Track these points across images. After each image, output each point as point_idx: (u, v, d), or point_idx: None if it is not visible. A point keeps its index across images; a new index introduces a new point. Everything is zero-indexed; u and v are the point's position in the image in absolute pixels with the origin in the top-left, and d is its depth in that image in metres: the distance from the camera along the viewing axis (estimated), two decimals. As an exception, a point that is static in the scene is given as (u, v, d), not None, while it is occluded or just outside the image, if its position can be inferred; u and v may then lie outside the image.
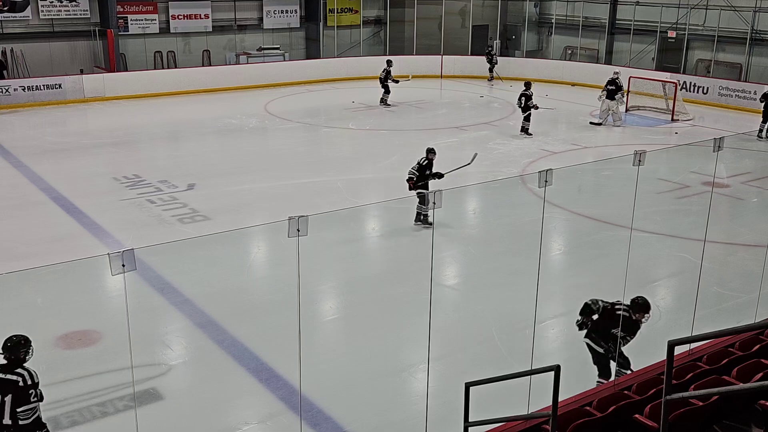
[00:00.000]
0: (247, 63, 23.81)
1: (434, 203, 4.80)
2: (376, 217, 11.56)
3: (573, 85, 23.79)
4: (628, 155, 6.02)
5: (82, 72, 21.29)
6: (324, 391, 6.55)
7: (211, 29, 24.16)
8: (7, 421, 4.79)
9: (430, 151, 10.72)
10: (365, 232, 11.07)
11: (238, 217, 11.23)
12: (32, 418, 4.79)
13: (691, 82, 21.35)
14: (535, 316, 6.23)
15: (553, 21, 26.30)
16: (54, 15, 21.53)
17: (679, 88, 19.55)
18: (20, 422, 4.74)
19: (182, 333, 7.90)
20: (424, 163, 10.57)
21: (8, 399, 4.77)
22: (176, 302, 8.34)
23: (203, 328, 7.82)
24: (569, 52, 26.09)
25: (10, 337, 4.89)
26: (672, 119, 18.84)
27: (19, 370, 4.83)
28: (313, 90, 23.09)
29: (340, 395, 6.66)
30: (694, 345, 6.19)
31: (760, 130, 16.62)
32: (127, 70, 22.21)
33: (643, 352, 6.63)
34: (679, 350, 4.47)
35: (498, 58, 24.46)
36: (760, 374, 5.11)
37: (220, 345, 7.44)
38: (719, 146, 6.60)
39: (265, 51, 24.62)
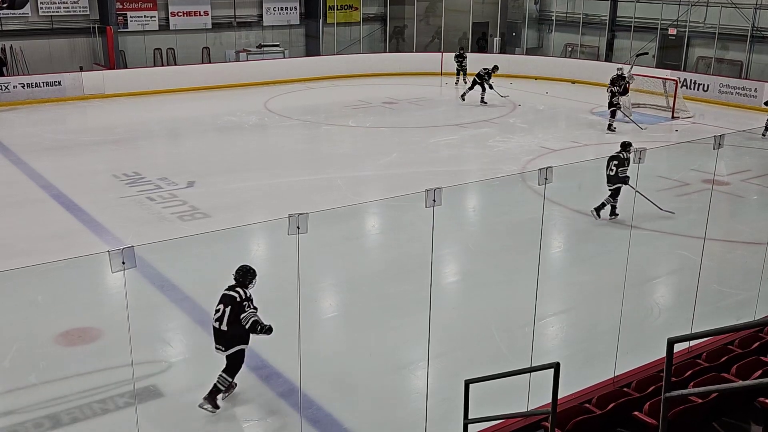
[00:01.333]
0: (247, 60, 23.80)
1: (434, 200, 4.80)
2: (376, 214, 11.56)
3: (573, 82, 23.77)
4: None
5: (81, 69, 21.27)
6: (324, 388, 6.56)
7: (210, 26, 24.14)
8: (224, 327, 6.23)
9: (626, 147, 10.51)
10: (365, 229, 11.07)
11: (238, 214, 11.23)
12: (249, 322, 6.24)
13: (691, 80, 21.33)
14: (535, 314, 6.24)
15: (554, 18, 26.28)
16: (53, 12, 21.50)
17: (679, 85, 19.53)
18: (243, 324, 6.22)
19: (182, 330, 7.91)
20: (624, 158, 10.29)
21: (228, 309, 6.23)
22: (176, 299, 8.34)
23: (203, 325, 7.81)
24: (569, 49, 26.07)
25: (243, 266, 6.47)
26: (672, 117, 18.83)
27: (238, 289, 6.30)
28: (312, 87, 23.07)
29: (340, 392, 6.67)
30: (693, 342, 6.21)
31: (766, 128, 16.59)
32: (126, 68, 22.19)
33: (643, 349, 6.64)
34: (678, 347, 4.48)
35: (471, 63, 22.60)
36: (760, 372, 5.12)
37: (220, 342, 7.43)
38: (719, 144, 6.60)
39: (265, 48, 24.60)
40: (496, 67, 20.09)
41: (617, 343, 6.24)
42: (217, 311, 6.29)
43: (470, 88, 20.36)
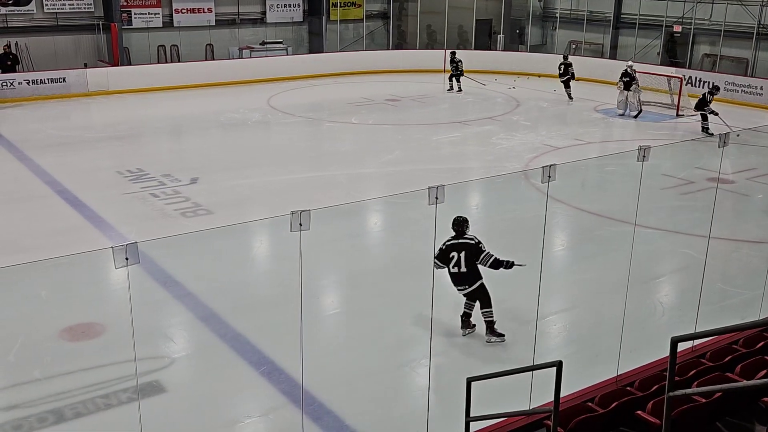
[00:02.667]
0: (250, 57, 23.79)
1: (436, 198, 4.79)
2: (379, 211, 11.55)
3: (577, 80, 23.69)
4: (632, 150, 6.00)
5: (86, 66, 21.29)
6: (326, 385, 6.56)
7: (214, 23, 24.14)
8: (464, 269, 7.33)
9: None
10: (367, 226, 11.07)
11: (241, 211, 11.24)
12: (491, 261, 7.32)
13: (696, 77, 21.25)
14: (538, 312, 6.23)
15: (558, 15, 26.21)
16: (58, 9, 21.52)
17: (684, 83, 19.46)
18: (484, 264, 7.30)
19: (185, 326, 7.92)
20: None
21: (463, 254, 7.28)
22: (179, 296, 8.35)
23: (206, 321, 7.84)
24: (574, 46, 25.99)
25: (457, 217, 7.39)
26: (677, 114, 18.76)
27: (468, 236, 7.39)
28: (315, 84, 23.06)
29: (342, 389, 6.67)
30: (697, 342, 6.19)
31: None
32: (130, 64, 22.22)
33: (646, 348, 6.62)
34: (682, 347, 4.47)
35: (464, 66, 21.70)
36: (764, 371, 5.10)
37: (222, 338, 7.45)
38: (725, 142, 6.57)
39: (268, 45, 24.59)
40: (453, 53, 21.96)
41: (620, 342, 6.22)
42: (451, 258, 7.28)
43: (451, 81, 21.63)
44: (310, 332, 7.15)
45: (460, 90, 21.65)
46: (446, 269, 7.34)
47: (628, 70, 18.54)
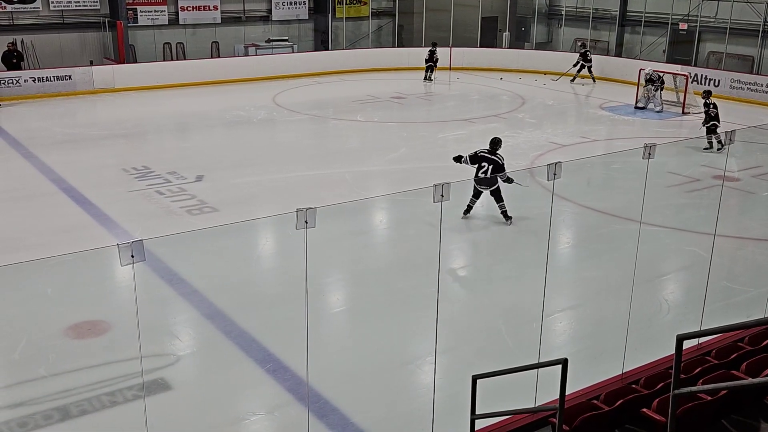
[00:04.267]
0: (256, 55, 23.80)
1: (442, 195, 4.79)
2: (384, 209, 11.55)
3: (581, 77, 23.64)
4: (638, 148, 5.98)
5: (91, 63, 21.35)
6: (331, 383, 6.57)
7: (219, 21, 24.16)
8: (488, 175, 10.17)
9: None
10: (373, 224, 11.07)
11: (247, 208, 11.25)
12: (506, 177, 10.06)
13: (702, 75, 21.17)
14: (543, 309, 6.22)
15: (563, 13, 26.12)
16: (64, 6, 21.57)
17: (690, 80, 19.39)
18: (502, 180, 10.11)
19: (190, 324, 7.94)
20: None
21: (491, 166, 10.18)
22: (184, 293, 8.38)
23: (211, 319, 7.86)
24: (579, 44, 25.91)
25: (495, 137, 10.48)
26: (683, 112, 18.70)
27: (497, 154, 10.35)
28: (321, 82, 23.06)
29: (347, 387, 6.68)
30: (703, 339, 6.17)
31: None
32: (136, 62, 22.25)
33: (651, 345, 6.61)
34: (687, 344, 4.46)
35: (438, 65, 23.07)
36: (769, 369, 5.08)
37: (228, 336, 7.47)
38: (730, 139, 6.56)
39: (274, 43, 24.60)
40: (434, 44, 23.29)
41: (626, 340, 6.21)
42: (482, 167, 10.29)
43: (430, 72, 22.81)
44: (316, 330, 7.16)
45: (431, 80, 22.97)
46: (475, 170, 10.36)
47: (653, 75, 18.65)
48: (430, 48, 23.25)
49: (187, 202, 11.51)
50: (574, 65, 22.52)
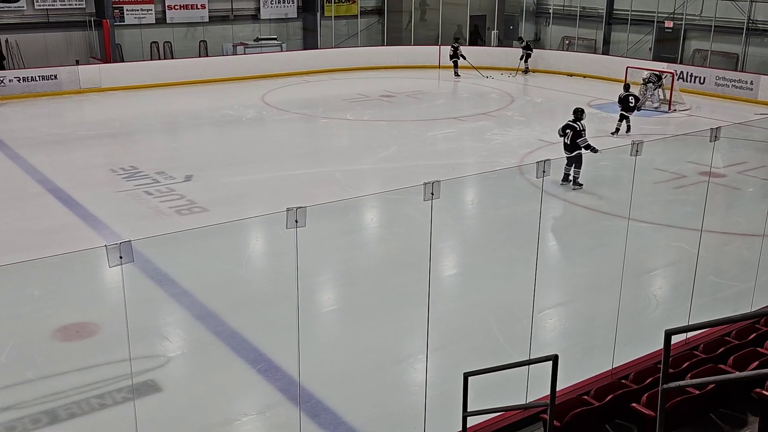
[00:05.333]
0: (244, 54, 23.71)
1: (432, 194, 4.80)
2: (375, 208, 11.55)
3: (570, 75, 23.75)
4: (626, 145, 6.02)
5: (77, 63, 21.19)
6: (323, 382, 6.57)
7: (207, 20, 24.05)
8: (568, 141, 11.91)
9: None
10: (364, 223, 11.07)
11: (236, 208, 11.22)
12: (585, 143, 11.75)
13: (688, 72, 21.32)
14: (533, 306, 6.25)
15: (551, 11, 26.22)
16: (49, 5, 21.40)
17: (676, 78, 19.53)
18: (579, 144, 11.74)
19: (180, 325, 7.91)
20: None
21: (571, 133, 11.89)
22: (174, 294, 8.34)
23: (201, 319, 7.83)
24: (567, 42, 26.03)
25: (577, 108, 12.22)
26: (669, 109, 18.83)
27: (577, 123, 11.93)
28: (310, 81, 23.02)
29: (339, 386, 6.68)
30: (690, 334, 6.23)
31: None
32: (123, 61, 22.11)
33: (640, 341, 6.66)
34: (676, 339, 4.50)
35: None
36: (756, 363, 5.13)
37: (218, 337, 7.45)
38: (716, 136, 6.61)
39: (262, 41, 24.52)
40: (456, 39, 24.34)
41: (615, 335, 6.25)
42: (565, 135, 11.99)
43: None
44: (307, 329, 7.14)
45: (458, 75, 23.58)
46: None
47: (650, 77, 18.84)
48: (452, 44, 24.03)
49: (176, 202, 11.46)
50: (521, 59, 23.89)
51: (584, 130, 11.91)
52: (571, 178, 11.92)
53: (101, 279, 8.32)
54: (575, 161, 11.80)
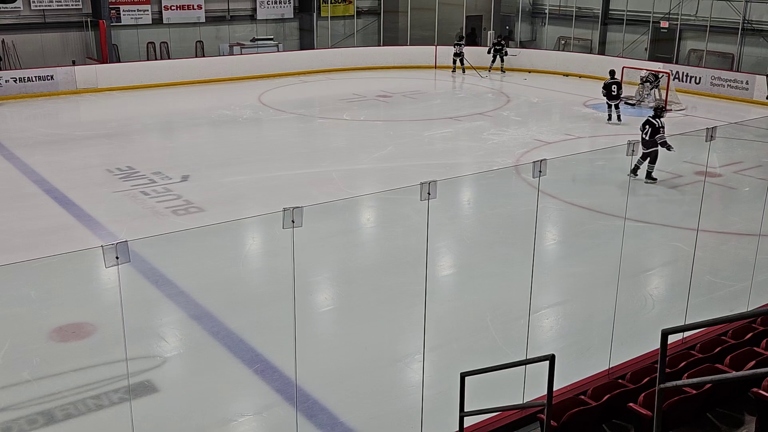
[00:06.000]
0: (241, 54, 23.69)
1: (429, 193, 4.80)
2: (371, 207, 11.55)
3: (566, 75, 23.79)
4: (622, 145, 6.03)
5: (74, 63, 21.15)
6: (319, 382, 6.56)
7: (204, 20, 24.02)
8: (646, 137, 12.13)
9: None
10: (360, 222, 11.07)
11: (233, 208, 11.21)
12: (663, 140, 12.07)
13: (683, 72, 21.37)
14: (530, 306, 6.25)
15: (547, 11, 26.25)
16: (45, 6, 21.35)
17: (671, 78, 19.56)
18: (657, 141, 12.11)
19: (177, 325, 7.89)
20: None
21: (650, 129, 12.20)
22: (171, 294, 8.33)
23: (198, 320, 7.82)
24: (563, 42, 26.06)
25: (658, 104, 13.28)
26: (665, 109, 18.83)
27: (656, 119, 12.29)
28: (307, 81, 23.01)
29: (336, 386, 6.67)
30: (687, 333, 6.24)
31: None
32: (119, 62, 22.08)
33: (637, 340, 6.67)
34: (672, 339, 4.50)
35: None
36: (753, 362, 5.14)
37: (215, 337, 7.44)
38: (711, 136, 6.62)
39: (259, 42, 24.50)
40: (460, 36, 24.81)
41: (612, 335, 6.26)
42: (644, 130, 12.29)
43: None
44: (304, 329, 7.15)
45: (463, 72, 23.99)
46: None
47: (648, 77, 18.93)
48: (455, 41, 24.41)
49: (172, 202, 11.44)
50: (497, 58, 23.96)
51: (663, 127, 12.24)
52: (639, 171, 12.30)
53: (98, 279, 8.30)
54: (650, 156, 12.24)
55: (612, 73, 17.55)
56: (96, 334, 7.45)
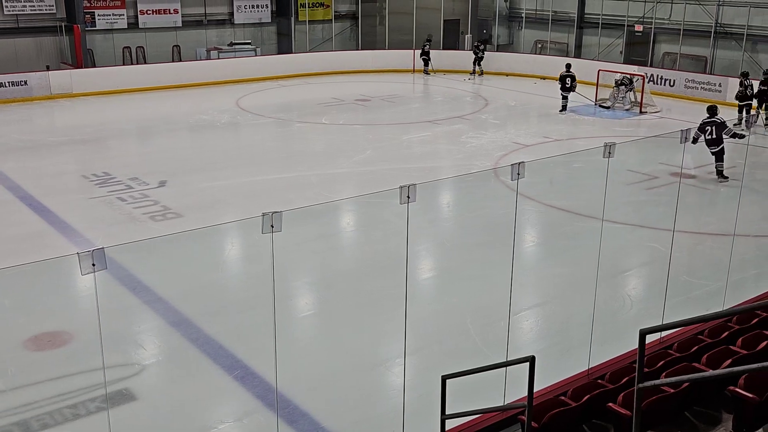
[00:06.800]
0: (218, 58, 23.56)
1: (408, 197, 4.81)
2: (351, 211, 11.54)
3: (543, 78, 23.99)
4: (598, 147, 6.09)
5: (48, 68, 20.86)
6: (300, 388, 6.53)
7: (180, 24, 23.85)
8: (714, 136, 12.57)
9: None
10: (340, 227, 11.05)
11: (211, 213, 11.12)
12: (731, 133, 12.51)
13: (658, 75, 21.67)
14: (510, 308, 6.28)
15: (524, 15, 26.48)
16: (19, 11, 21.05)
17: (646, 80, 19.83)
18: (722, 141, 12.60)
19: (155, 332, 7.81)
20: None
21: (715, 128, 12.49)
22: (149, 301, 8.24)
23: (177, 326, 7.74)
24: (539, 46, 26.30)
25: (711, 105, 12.79)
26: (640, 111, 19.11)
27: (717, 117, 12.57)
28: (285, 85, 22.94)
29: (317, 391, 6.64)
30: (664, 333, 6.31)
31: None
32: (95, 67, 21.82)
33: (616, 340, 6.73)
34: (650, 338, 4.55)
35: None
36: (729, 361, 5.22)
37: (194, 343, 7.37)
38: (686, 138, 6.72)
39: (236, 46, 24.38)
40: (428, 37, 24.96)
41: (591, 336, 6.31)
42: (707, 131, 12.51)
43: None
44: (284, 334, 7.10)
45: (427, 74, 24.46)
46: (702, 137, 12.32)
47: (623, 80, 19.26)
48: (424, 43, 25.01)
49: (149, 208, 11.33)
50: (476, 62, 24.49)
51: (724, 122, 12.76)
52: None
53: (74, 287, 8.19)
54: (717, 155, 12.68)
55: (568, 66, 18.68)
56: (72, 343, 7.34)
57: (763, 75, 17.41)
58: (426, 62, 24.69)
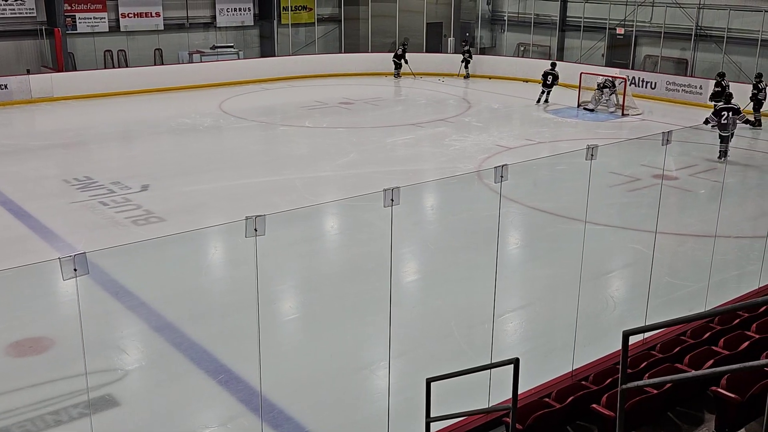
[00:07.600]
0: (201, 62, 23.44)
1: (392, 200, 4.81)
2: (335, 215, 11.52)
3: (526, 81, 24.13)
4: (581, 149, 6.14)
5: (28, 72, 20.62)
6: (285, 392, 6.51)
7: (162, 27, 23.70)
8: (728, 121, 13.86)
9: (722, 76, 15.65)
10: (324, 230, 11.03)
11: (194, 217, 11.06)
12: (743, 122, 14.46)
13: (639, 78, 21.88)
14: (494, 310, 6.31)
15: (506, 18, 26.63)
16: (-3, 13, 20.81)
17: (628, 83, 20.02)
18: (741, 121, 14.30)
19: (138, 337, 7.74)
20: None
21: (731, 113, 13.82)
22: (132, 306, 8.17)
23: (160, 331, 7.68)
24: (522, 48, 26.46)
25: (728, 92, 14.77)
26: (622, 114, 19.29)
27: (732, 103, 14.02)
28: (268, 88, 22.87)
29: (302, 395, 6.62)
30: (648, 334, 6.36)
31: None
32: (76, 70, 21.61)
33: (599, 342, 6.78)
34: (633, 340, 4.58)
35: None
36: (711, 361, 5.27)
37: (177, 348, 7.32)
38: (667, 139, 6.79)
39: (219, 49, 24.28)
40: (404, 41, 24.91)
41: (575, 337, 6.35)
42: (723, 116, 13.74)
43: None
44: (268, 338, 7.07)
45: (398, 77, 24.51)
46: (717, 121, 13.83)
47: (606, 83, 19.54)
48: (401, 45, 24.96)
49: (132, 212, 11.23)
50: (463, 63, 24.52)
51: (739, 108, 14.10)
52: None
53: (55, 292, 8.10)
54: (727, 139, 13.94)
55: (553, 65, 20.28)
56: (54, 348, 7.26)
57: (755, 79, 17.96)
58: (397, 65, 24.43)
